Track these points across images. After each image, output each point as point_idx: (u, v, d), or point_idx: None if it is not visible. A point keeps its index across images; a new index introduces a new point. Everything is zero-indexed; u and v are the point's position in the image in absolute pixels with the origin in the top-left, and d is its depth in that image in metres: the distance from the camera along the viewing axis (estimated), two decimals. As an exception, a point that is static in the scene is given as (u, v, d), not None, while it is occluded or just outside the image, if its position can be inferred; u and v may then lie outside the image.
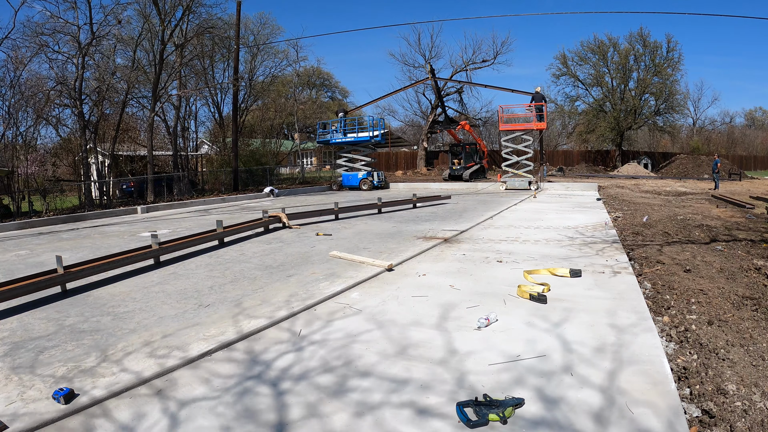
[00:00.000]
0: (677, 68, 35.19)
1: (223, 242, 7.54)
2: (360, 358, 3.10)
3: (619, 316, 3.70)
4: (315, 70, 44.81)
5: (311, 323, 3.81)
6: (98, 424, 2.43)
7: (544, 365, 2.91)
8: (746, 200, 13.22)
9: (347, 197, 17.30)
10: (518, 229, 8.41)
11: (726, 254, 5.92)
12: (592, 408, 2.41)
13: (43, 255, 7.21)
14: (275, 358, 3.15)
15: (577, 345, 3.20)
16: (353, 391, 2.68)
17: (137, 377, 2.87)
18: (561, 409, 2.41)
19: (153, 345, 3.39)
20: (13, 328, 3.85)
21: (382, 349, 3.25)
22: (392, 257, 6.08)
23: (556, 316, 3.78)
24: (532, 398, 2.52)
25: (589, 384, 2.66)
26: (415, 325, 3.67)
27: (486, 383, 2.71)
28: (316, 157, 46.62)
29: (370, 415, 2.42)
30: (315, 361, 3.08)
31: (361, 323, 3.76)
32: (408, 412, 2.44)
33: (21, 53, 14.85)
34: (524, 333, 3.45)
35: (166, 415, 2.47)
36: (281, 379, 2.86)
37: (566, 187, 19.57)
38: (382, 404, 2.53)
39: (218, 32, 21.92)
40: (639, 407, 2.39)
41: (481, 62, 35.68)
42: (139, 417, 2.47)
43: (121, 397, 2.69)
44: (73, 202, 16.15)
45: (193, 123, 26.71)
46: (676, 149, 43.83)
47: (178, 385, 2.81)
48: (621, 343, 3.19)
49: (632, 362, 2.90)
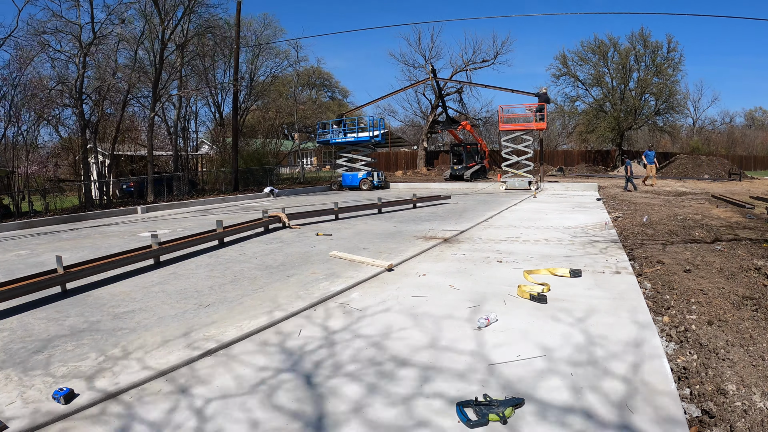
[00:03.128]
0: (678, 69, 35.15)
1: (223, 242, 7.54)
2: (360, 358, 3.11)
3: (619, 316, 3.70)
4: (315, 70, 44.87)
5: (311, 323, 3.81)
6: (98, 424, 2.43)
7: (544, 365, 2.91)
8: (746, 200, 13.22)
9: (347, 197, 17.30)
10: (518, 229, 8.41)
11: (726, 254, 5.92)
12: (592, 407, 2.41)
13: (43, 255, 7.21)
14: (275, 358, 3.15)
15: (577, 345, 3.20)
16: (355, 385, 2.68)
17: (137, 377, 2.87)
18: (562, 409, 2.41)
19: (153, 345, 3.39)
20: (13, 328, 3.86)
21: (382, 349, 3.25)
22: (392, 257, 6.08)
23: (556, 316, 3.78)
24: (532, 398, 2.52)
25: (589, 384, 2.65)
26: (414, 325, 3.67)
27: (486, 383, 2.71)
28: (316, 157, 46.63)
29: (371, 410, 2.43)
30: (318, 358, 3.09)
31: (362, 323, 3.76)
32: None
33: (24, 52, 14.85)
34: (524, 333, 3.45)
35: (167, 417, 2.47)
36: (283, 376, 2.86)
37: (566, 187, 19.57)
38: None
39: (219, 32, 21.92)
40: (639, 406, 2.39)
41: (481, 62, 35.73)
42: (139, 418, 2.47)
43: (121, 397, 2.69)
44: (73, 202, 16.15)
45: (194, 123, 26.71)
46: (676, 149, 43.80)
47: (179, 386, 2.81)
48: (621, 343, 3.19)
49: (632, 362, 2.90)
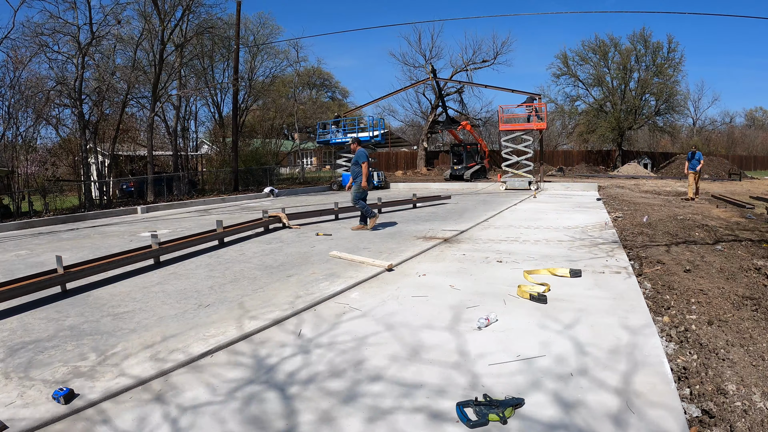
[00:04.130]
0: (678, 69, 35.21)
1: (223, 242, 7.54)
2: (364, 359, 3.10)
3: (619, 316, 3.70)
4: (315, 70, 44.84)
5: (312, 322, 3.81)
6: (98, 424, 2.43)
7: (544, 365, 2.91)
8: (746, 200, 13.22)
9: (347, 197, 17.24)
10: (518, 229, 8.41)
11: (726, 254, 5.92)
12: (592, 408, 2.41)
13: (43, 255, 7.21)
14: (275, 358, 3.15)
15: (577, 345, 3.19)
16: (359, 393, 2.68)
17: (137, 378, 2.87)
18: (560, 409, 2.41)
19: (153, 346, 3.39)
20: (13, 328, 3.85)
21: (384, 348, 3.24)
22: (392, 257, 6.08)
23: (556, 316, 3.78)
24: (532, 398, 2.52)
25: (590, 384, 2.65)
26: (414, 325, 3.67)
27: (486, 383, 2.71)
28: (316, 157, 46.64)
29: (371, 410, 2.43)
30: (318, 360, 3.09)
31: (361, 323, 3.76)
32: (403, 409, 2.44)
33: (21, 53, 14.86)
34: (524, 333, 3.45)
35: (167, 418, 2.47)
36: (281, 378, 2.86)
37: (566, 187, 19.56)
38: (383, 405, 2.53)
39: (218, 32, 21.93)
40: (639, 407, 2.39)
41: (481, 62, 35.75)
42: (139, 418, 2.47)
43: (121, 397, 2.69)
44: (73, 202, 16.15)
45: (193, 123, 26.78)
46: (676, 149, 43.81)
47: (177, 387, 2.80)
48: (622, 343, 3.19)
49: (633, 362, 2.90)
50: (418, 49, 50.19)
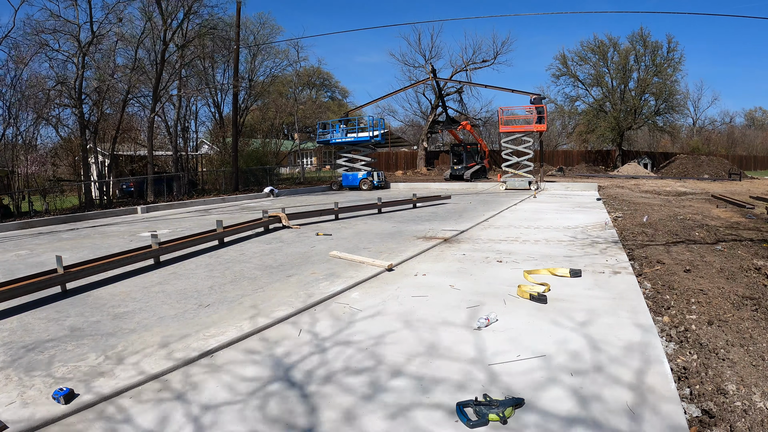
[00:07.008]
0: (678, 69, 35.15)
1: (223, 242, 7.54)
2: (360, 358, 3.10)
3: (619, 316, 3.70)
4: (315, 70, 44.82)
5: (312, 322, 3.81)
6: (98, 424, 2.43)
7: (544, 365, 2.91)
8: (746, 200, 13.22)
9: (347, 197, 17.30)
10: (518, 229, 8.41)
11: (726, 254, 5.92)
12: (592, 408, 2.41)
13: (43, 255, 7.21)
14: (275, 357, 3.15)
15: (577, 345, 3.20)
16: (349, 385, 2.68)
17: (137, 377, 2.87)
18: (560, 409, 2.41)
19: (153, 345, 3.39)
20: (13, 328, 3.86)
21: (384, 348, 3.25)
22: (392, 257, 6.08)
23: (556, 316, 3.78)
24: (531, 398, 2.52)
25: (590, 383, 2.66)
26: (414, 325, 3.67)
27: (486, 383, 2.71)
28: (316, 157, 46.61)
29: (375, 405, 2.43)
30: (319, 360, 3.09)
31: (362, 323, 3.76)
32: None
33: (21, 52, 14.86)
34: (524, 333, 3.45)
35: (166, 416, 2.47)
36: (280, 375, 2.86)
37: (566, 187, 19.57)
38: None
39: (219, 33, 21.91)
40: (638, 407, 2.39)
41: (481, 62, 35.73)
42: (139, 418, 2.47)
43: (121, 397, 2.69)
44: (73, 202, 16.15)
45: (194, 123, 26.70)
46: (676, 149, 43.82)
47: (177, 386, 2.81)
48: (622, 343, 3.19)
49: (633, 362, 2.90)
50: (417, 49, 50.29)
